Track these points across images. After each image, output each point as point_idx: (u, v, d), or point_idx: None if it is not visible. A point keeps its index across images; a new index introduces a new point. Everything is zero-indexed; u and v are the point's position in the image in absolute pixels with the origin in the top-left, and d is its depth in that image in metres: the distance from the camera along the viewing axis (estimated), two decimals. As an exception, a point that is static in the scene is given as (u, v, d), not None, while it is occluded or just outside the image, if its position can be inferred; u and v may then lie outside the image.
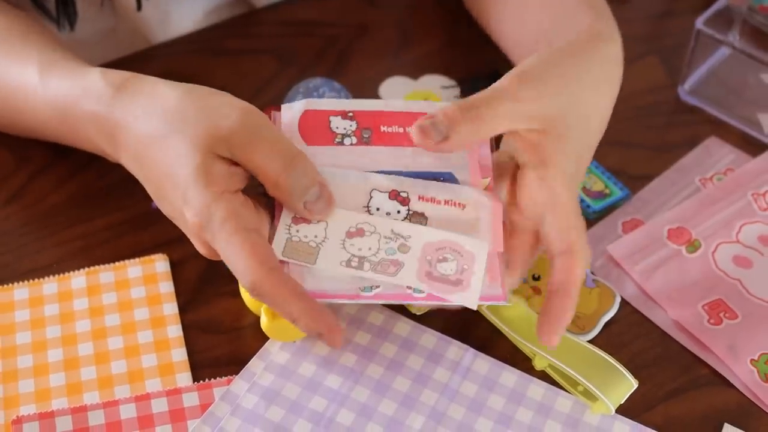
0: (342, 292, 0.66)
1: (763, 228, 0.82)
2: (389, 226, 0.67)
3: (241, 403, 0.69)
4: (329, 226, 0.67)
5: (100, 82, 0.72)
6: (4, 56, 0.79)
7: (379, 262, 0.66)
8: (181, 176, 0.64)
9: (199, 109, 0.66)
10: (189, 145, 0.64)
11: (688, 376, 0.73)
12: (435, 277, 0.66)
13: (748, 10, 0.97)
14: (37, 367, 0.71)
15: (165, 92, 0.68)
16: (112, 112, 0.70)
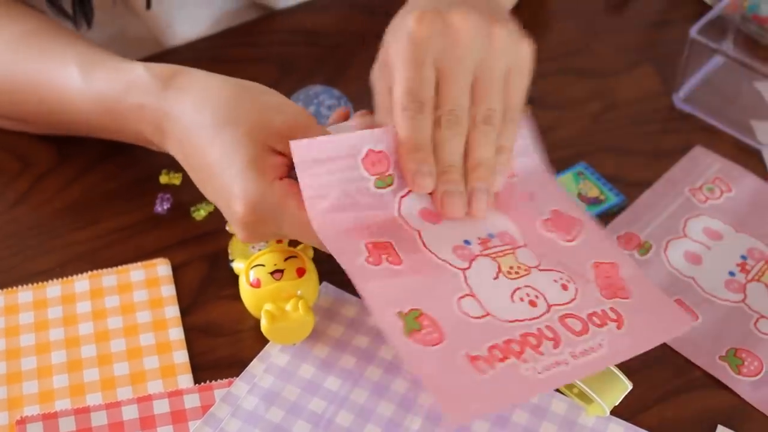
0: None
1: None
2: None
3: (242, 404, 0.70)
4: None
5: (146, 75, 0.74)
6: (40, 56, 0.81)
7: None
8: (231, 167, 0.67)
9: (252, 105, 0.69)
10: (242, 137, 0.67)
11: (682, 379, 0.74)
12: None
13: (741, 19, 0.98)
14: (40, 368, 0.72)
15: (219, 85, 0.71)
16: (161, 103, 0.73)
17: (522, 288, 0.68)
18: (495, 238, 0.71)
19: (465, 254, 0.69)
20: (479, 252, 0.70)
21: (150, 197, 0.83)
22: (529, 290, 0.68)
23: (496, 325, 0.66)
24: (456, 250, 0.69)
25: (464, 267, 0.68)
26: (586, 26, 1.03)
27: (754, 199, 0.86)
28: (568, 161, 0.87)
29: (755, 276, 0.80)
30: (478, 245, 0.70)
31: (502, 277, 0.69)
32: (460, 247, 0.70)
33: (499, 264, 0.69)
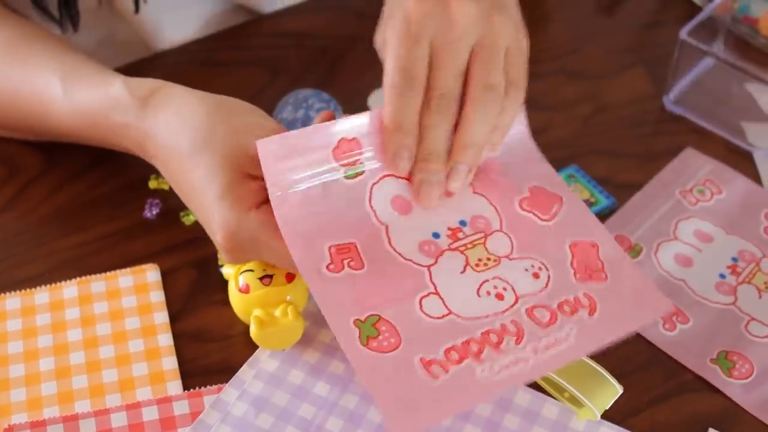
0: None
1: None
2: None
3: (231, 410, 0.69)
4: None
5: (126, 94, 0.74)
6: (22, 64, 0.80)
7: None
8: (209, 194, 0.67)
9: (228, 127, 0.68)
10: (217, 164, 0.67)
11: (673, 382, 0.74)
12: None
13: (731, 20, 0.98)
14: (28, 376, 0.71)
15: (193, 106, 0.70)
16: (140, 123, 0.73)
17: (490, 281, 0.68)
18: (467, 225, 0.70)
19: (431, 250, 0.69)
20: (447, 246, 0.69)
21: (139, 203, 0.83)
22: (498, 282, 0.68)
23: (457, 325, 0.66)
24: (422, 246, 0.69)
25: (430, 264, 0.68)
26: (577, 28, 1.03)
27: (745, 201, 0.86)
28: (559, 163, 0.86)
29: (746, 278, 0.80)
30: (447, 238, 0.70)
31: (469, 271, 0.68)
32: (428, 243, 0.69)
33: (468, 257, 0.69)
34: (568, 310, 0.67)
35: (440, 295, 0.67)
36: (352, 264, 0.67)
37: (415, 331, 0.65)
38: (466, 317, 0.66)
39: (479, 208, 0.71)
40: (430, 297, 0.67)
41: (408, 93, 0.66)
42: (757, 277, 0.80)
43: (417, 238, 0.69)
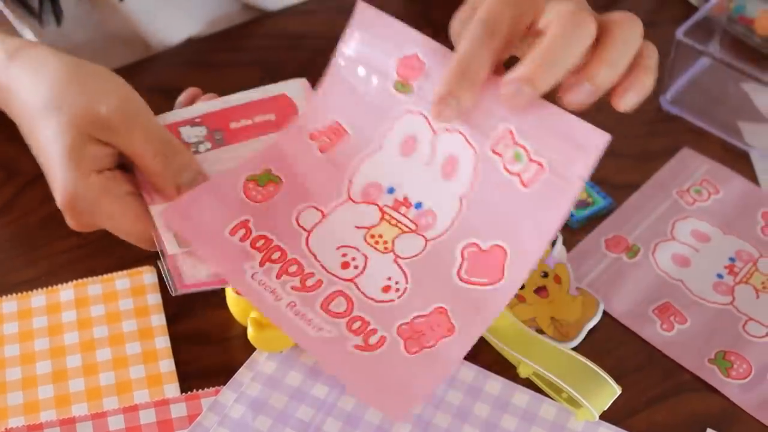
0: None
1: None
2: None
3: (229, 413, 0.69)
4: None
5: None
6: None
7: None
8: (54, 154, 0.67)
9: (81, 89, 0.68)
10: (64, 125, 0.67)
11: (671, 382, 0.74)
12: None
13: (727, 20, 0.98)
14: (25, 379, 0.71)
15: (52, 66, 0.70)
16: (7, 79, 0.73)
17: (357, 251, 0.68)
18: (419, 209, 0.68)
19: (369, 195, 0.69)
20: (381, 204, 0.69)
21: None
22: (359, 258, 0.68)
23: (296, 238, 0.68)
24: (369, 186, 0.69)
25: (354, 200, 0.69)
26: (573, 28, 1.02)
27: (742, 201, 0.86)
28: (555, 164, 0.87)
29: (743, 278, 0.80)
30: (393, 200, 0.69)
31: (360, 233, 0.68)
32: (377, 187, 0.69)
33: (378, 225, 0.68)
34: (354, 327, 0.65)
35: (322, 219, 0.69)
36: (324, 145, 0.70)
37: (275, 211, 0.69)
38: (309, 246, 0.68)
39: (443, 210, 0.67)
40: (317, 212, 0.69)
41: (489, 42, 0.61)
42: (754, 277, 0.80)
43: (377, 177, 0.69)
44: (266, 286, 0.66)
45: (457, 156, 0.66)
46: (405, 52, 0.67)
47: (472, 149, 0.65)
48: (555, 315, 0.76)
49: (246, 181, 0.69)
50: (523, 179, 0.64)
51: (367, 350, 0.64)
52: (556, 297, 0.77)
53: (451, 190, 0.67)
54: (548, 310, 0.76)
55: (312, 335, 0.64)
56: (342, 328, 0.65)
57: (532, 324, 0.76)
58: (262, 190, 0.69)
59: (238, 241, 0.67)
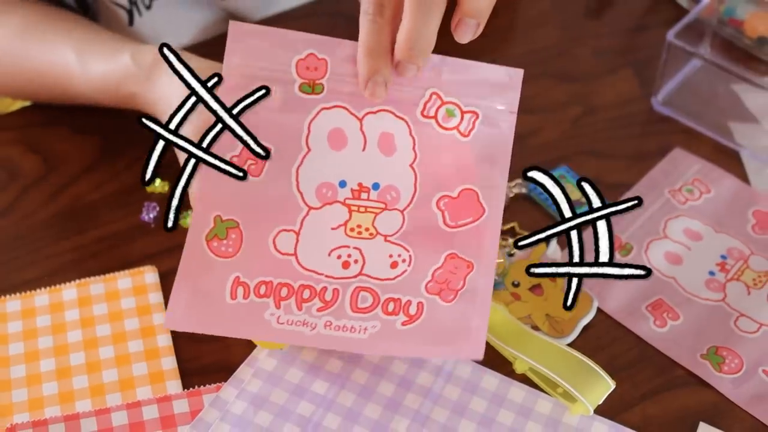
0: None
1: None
2: None
3: (230, 409, 0.70)
4: None
5: (133, 65, 0.81)
6: (41, 42, 0.86)
7: None
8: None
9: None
10: (194, 131, 0.68)
11: (664, 377, 0.75)
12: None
13: (717, 22, 1.00)
14: (30, 377, 0.72)
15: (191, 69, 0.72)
16: (146, 93, 0.80)
17: (348, 248, 0.69)
18: (376, 191, 0.69)
19: (326, 196, 0.69)
20: (342, 199, 0.69)
21: (137, 206, 0.84)
22: (354, 252, 0.69)
23: (289, 267, 0.68)
24: (320, 189, 0.69)
25: (314, 206, 0.68)
26: (566, 31, 1.04)
27: (733, 200, 0.87)
28: (549, 164, 0.88)
29: (735, 275, 0.81)
30: (350, 191, 0.69)
31: (340, 231, 0.69)
32: (329, 186, 0.69)
33: (350, 218, 0.69)
34: (390, 309, 0.68)
35: (298, 237, 0.68)
36: (252, 168, 0.68)
37: (254, 253, 0.67)
38: (304, 266, 0.68)
39: (400, 181, 0.70)
40: (290, 233, 0.68)
41: (379, 18, 0.66)
42: (745, 274, 0.81)
43: (323, 177, 0.69)
44: (295, 322, 0.67)
45: (390, 132, 0.69)
46: (299, 55, 0.68)
47: (403, 121, 0.69)
48: (550, 312, 0.77)
49: (208, 242, 0.67)
50: (461, 131, 0.69)
51: (414, 320, 0.68)
52: (551, 294, 0.78)
53: (399, 162, 0.69)
54: (543, 308, 0.78)
55: (364, 338, 0.67)
56: (381, 316, 0.68)
57: (527, 321, 0.77)
58: (227, 242, 0.68)
59: (242, 300, 0.67)
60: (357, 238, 0.69)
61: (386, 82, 0.67)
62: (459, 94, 0.69)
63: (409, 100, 0.68)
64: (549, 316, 0.77)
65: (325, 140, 0.69)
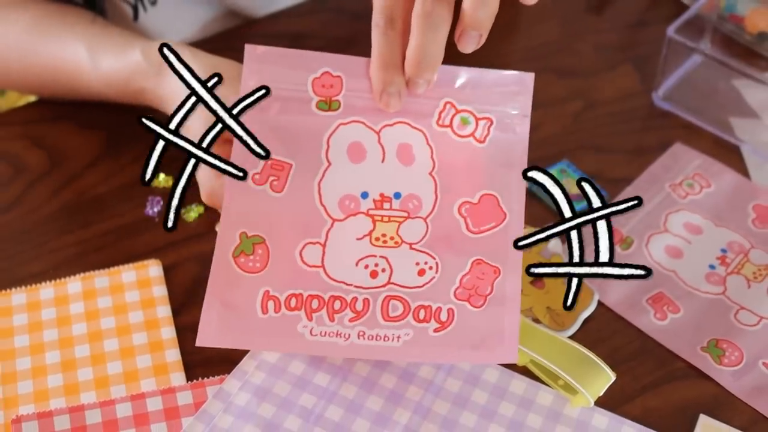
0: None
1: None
2: None
3: (234, 400, 0.71)
4: None
5: (143, 61, 0.82)
6: (53, 38, 0.88)
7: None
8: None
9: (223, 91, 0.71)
10: (201, 126, 0.69)
11: (665, 370, 0.76)
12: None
13: (718, 18, 1.00)
14: (35, 368, 0.73)
15: (200, 70, 0.72)
16: (155, 88, 0.81)
17: (375, 257, 0.69)
18: (398, 200, 0.70)
19: (349, 208, 0.69)
20: (366, 210, 0.70)
21: (141, 200, 0.84)
22: (381, 261, 0.69)
23: (318, 279, 0.69)
24: (343, 201, 0.69)
25: (338, 218, 0.69)
26: (567, 27, 1.04)
27: (734, 194, 0.88)
28: (550, 159, 0.88)
29: (735, 269, 0.82)
30: (372, 202, 0.70)
31: (365, 241, 0.69)
32: (351, 198, 0.70)
33: (375, 228, 0.70)
34: (421, 316, 0.69)
35: (324, 249, 0.69)
36: (275, 184, 0.69)
37: (281, 267, 0.68)
38: (332, 277, 0.69)
39: (421, 189, 0.71)
40: (316, 246, 0.69)
41: (390, 31, 0.67)
42: (745, 267, 0.82)
43: (345, 189, 0.70)
44: (329, 333, 0.68)
45: (408, 143, 0.70)
46: (314, 74, 0.69)
47: (419, 131, 0.70)
48: (551, 305, 0.78)
49: (235, 258, 0.68)
50: (477, 137, 0.71)
51: (446, 326, 0.69)
52: (552, 288, 0.79)
53: (418, 171, 0.70)
54: (544, 301, 0.78)
55: (398, 346, 0.68)
56: (413, 324, 0.69)
57: (528, 314, 0.77)
58: (254, 257, 0.68)
59: (274, 314, 0.68)
60: (383, 247, 0.70)
61: (400, 92, 0.68)
62: (472, 102, 0.70)
63: (424, 111, 0.70)
64: (550, 309, 0.78)
65: (345, 154, 0.70)
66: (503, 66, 0.71)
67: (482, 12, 0.65)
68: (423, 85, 0.67)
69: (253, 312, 0.68)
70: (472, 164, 0.71)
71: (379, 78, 0.68)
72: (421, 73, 0.66)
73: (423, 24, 0.65)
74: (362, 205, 0.70)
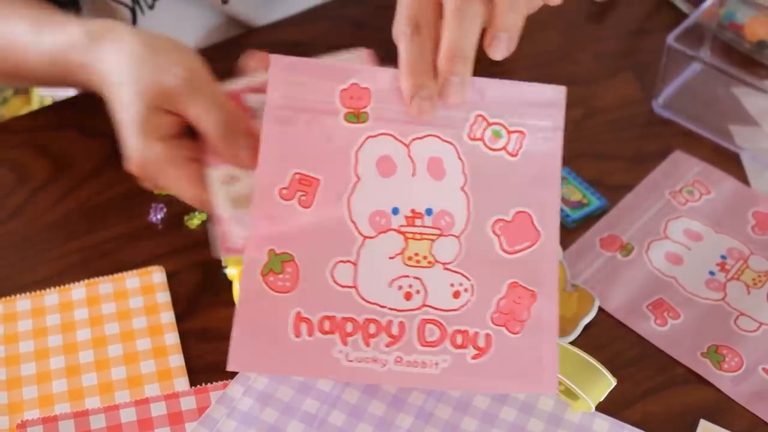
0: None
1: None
2: None
3: (237, 405, 0.71)
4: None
5: (81, 34, 0.79)
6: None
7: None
8: (124, 123, 0.72)
9: (151, 63, 0.72)
10: (133, 96, 0.71)
11: (665, 375, 0.76)
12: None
13: (717, 26, 1.01)
14: (39, 374, 0.73)
15: (129, 44, 0.75)
16: (92, 60, 0.77)
17: (409, 278, 0.67)
18: (431, 215, 0.69)
19: (380, 224, 0.68)
20: (397, 226, 0.68)
21: (144, 207, 0.85)
22: (415, 282, 0.67)
23: (351, 300, 0.67)
24: (373, 217, 0.68)
25: (369, 235, 0.68)
26: (568, 35, 1.05)
27: (733, 201, 0.88)
28: (551, 166, 0.89)
29: (735, 275, 0.82)
30: (404, 218, 0.68)
31: (398, 260, 0.68)
32: (382, 214, 0.68)
33: (407, 246, 0.68)
34: (458, 341, 0.67)
35: (356, 268, 0.67)
36: (303, 199, 0.67)
37: (313, 287, 0.66)
38: (366, 299, 0.67)
39: (453, 205, 0.69)
40: (347, 264, 0.67)
41: (416, 37, 0.66)
42: (745, 273, 0.82)
43: (375, 205, 0.68)
44: (365, 359, 0.66)
45: (439, 156, 0.68)
46: (342, 85, 0.68)
47: (450, 144, 0.68)
48: (552, 311, 0.78)
49: (264, 276, 0.66)
50: (510, 150, 0.69)
51: (484, 353, 0.67)
52: (553, 294, 0.79)
53: (450, 185, 0.69)
54: (545, 306, 0.78)
55: (437, 373, 0.66)
56: (450, 350, 0.67)
57: (529, 320, 0.78)
58: (284, 276, 0.67)
59: (307, 337, 0.66)
60: (416, 267, 0.68)
61: (432, 97, 0.66)
62: (504, 115, 0.68)
63: (454, 124, 0.68)
64: (551, 314, 0.78)
65: (374, 168, 0.68)
66: (504, 74, 0.72)
67: (512, 15, 0.66)
68: (457, 85, 0.65)
69: (286, 335, 0.66)
70: (505, 179, 0.69)
71: (410, 83, 0.66)
72: (455, 67, 0.65)
73: (456, 18, 0.65)
74: (393, 222, 0.68)
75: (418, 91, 0.66)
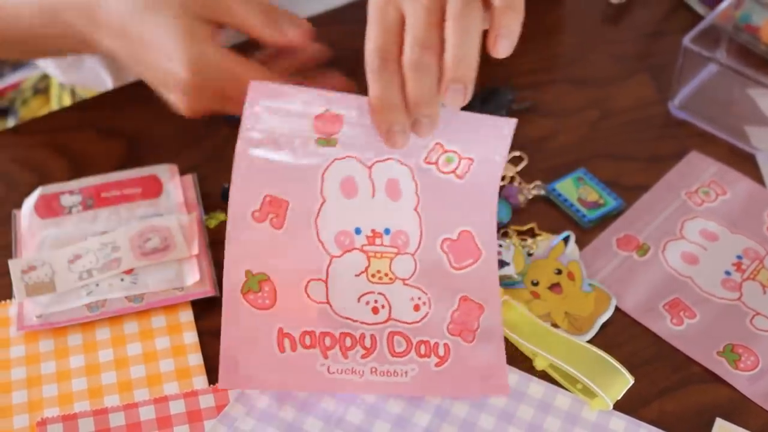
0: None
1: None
2: (98, 240, 0.77)
3: (255, 403, 0.72)
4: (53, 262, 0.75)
5: None
6: None
7: (102, 265, 0.75)
8: (167, 42, 0.72)
9: None
10: (178, 11, 0.72)
11: (681, 374, 0.76)
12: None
13: (733, 28, 1.01)
14: (59, 372, 0.74)
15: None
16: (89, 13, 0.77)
17: (374, 294, 0.72)
18: (388, 235, 0.74)
19: (345, 243, 0.73)
20: (360, 246, 0.73)
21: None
22: (380, 298, 0.72)
23: (326, 315, 0.71)
24: (339, 236, 0.72)
25: (336, 254, 0.72)
26: (584, 37, 1.05)
27: (749, 202, 0.88)
28: (567, 167, 0.89)
29: (750, 275, 0.82)
30: (366, 238, 0.73)
31: (363, 277, 0.73)
32: (346, 234, 0.73)
33: (370, 264, 0.73)
34: (422, 351, 0.72)
35: (327, 285, 0.72)
36: (274, 221, 0.71)
37: (290, 304, 0.71)
38: (339, 314, 0.71)
39: (408, 225, 0.74)
40: (319, 282, 0.72)
41: (384, 73, 0.68)
42: (761, 273, 0.83)
43: (340, 225, 0.73)
44: (345, 371, 0.71)
45: (396, 178, 0.73)
46: (316, 111, 0.70)
47: (407, 167, 0.73)
48: (569, 310, 0.79)
49: (244, 295, 0.71)
50: (458, 173, 0.75)
51: (445, 361, 0.72)
52: (569, 293, 0.80)
53: (404, 206, 0.74)
54: (562, 306, 0.79)
55: (408, 381, 0.71)
56: (416, 359, 0.72)
57: (546, 319, 0.78)
58: (263, 294, 0.71)
59: (291, 352, 0.70)
60: (379, 284, 0.73)
61: (404, 131, 0.69)
62: (459, 143, 0.74)
63: (413, 151, 0.73)
64: (568, 313, 0.78)
65: (338, 189, 0.73)
66: (521, 76, 0.72)
67: (511, 16, 0.67)
68: (460, 91, 0.67)
69: (272, 351, 0.70)
70: (452, 200, 0.74)
71: (381, 119, 0.69)
72: (459, 72, 0.66)
73: (458, 27, 0.66)
74: (356, 241, 0.73)
75: (390, 127, 0.68)
